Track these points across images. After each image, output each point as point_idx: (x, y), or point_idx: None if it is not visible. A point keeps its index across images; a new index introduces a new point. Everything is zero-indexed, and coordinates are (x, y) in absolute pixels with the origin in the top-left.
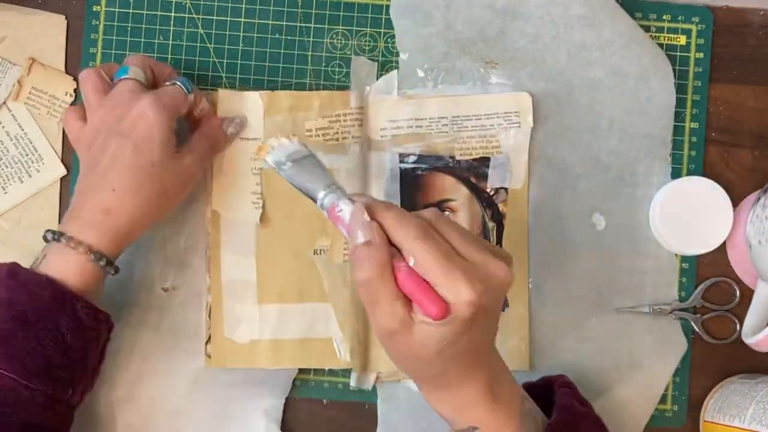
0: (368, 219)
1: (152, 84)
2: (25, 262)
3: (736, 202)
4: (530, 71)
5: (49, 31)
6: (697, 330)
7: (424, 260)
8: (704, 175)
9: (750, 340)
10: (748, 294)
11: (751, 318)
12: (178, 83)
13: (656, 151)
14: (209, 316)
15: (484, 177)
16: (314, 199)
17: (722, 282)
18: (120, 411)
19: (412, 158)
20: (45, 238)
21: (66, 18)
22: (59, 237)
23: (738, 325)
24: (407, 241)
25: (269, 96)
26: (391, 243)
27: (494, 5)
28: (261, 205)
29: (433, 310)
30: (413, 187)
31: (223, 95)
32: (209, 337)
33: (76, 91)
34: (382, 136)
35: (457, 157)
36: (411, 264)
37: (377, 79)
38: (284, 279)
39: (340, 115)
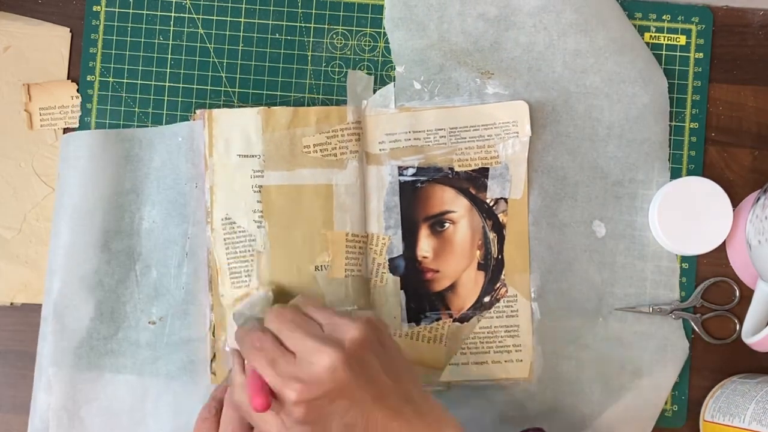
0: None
1: None
2: (22, 271)
3: (735, 202)
4: (526, 80)
5: (52, 42)
6: (697, 330)
7: (259, 370)
8: (704, 175)
9: (750, 340)
10: (748, 294)
11: (750, 318)
12: None
13: (655, 156)
14: (213, 334)
15: (484, 188)
16: None
17: (722, 282)
18: None
19: (410, 171)
20: None
21: (70, 31)
22: None
23: (738, 325)
24: (246, 353)
25: (267, 112)
26: None
27: (487, 15)
28: (263, 224)
29: (255, 403)
30: (413, 200)
31: (218, 114)
32: (214, 355)
33: (78, 91)
34: (380, 150)
35: (456, 169)
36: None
37: (374, 93)
38: (286, 296)
39: (337, 130)
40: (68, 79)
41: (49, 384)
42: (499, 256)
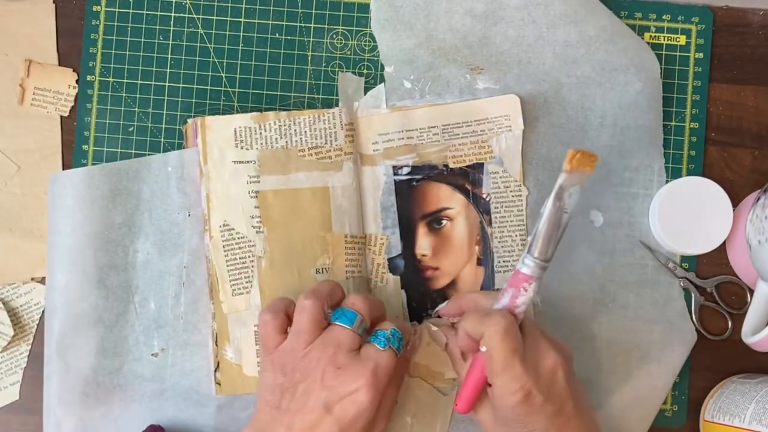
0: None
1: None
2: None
3: (736, 202)
4: (516, 74)
5: (38, 17)
6: (695, 301)
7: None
8: (704, 175)
9: (750, 340)
10: (748, 294)
11: (751, 318)
12: (394, 346)
13: (649, 143)
14: (216, 343)
15: (479, 183)
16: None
17: (724, 282)
18: None
19: (405, 170)
20: None
21: (54, 2)
22: None
23: (731, 326)
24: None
25: (259, 117)
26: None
27: (474, 11)
28: (262, 229)
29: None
30: (409, 199)
31: (211, 121)
32: (218, 365)
33: (78, 82)
34: (374, 150)
35: (451, 165)
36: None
37: (365, 94)
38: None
39: (330, 132)
40: (58, 52)
41: (58, 423)
42: None
